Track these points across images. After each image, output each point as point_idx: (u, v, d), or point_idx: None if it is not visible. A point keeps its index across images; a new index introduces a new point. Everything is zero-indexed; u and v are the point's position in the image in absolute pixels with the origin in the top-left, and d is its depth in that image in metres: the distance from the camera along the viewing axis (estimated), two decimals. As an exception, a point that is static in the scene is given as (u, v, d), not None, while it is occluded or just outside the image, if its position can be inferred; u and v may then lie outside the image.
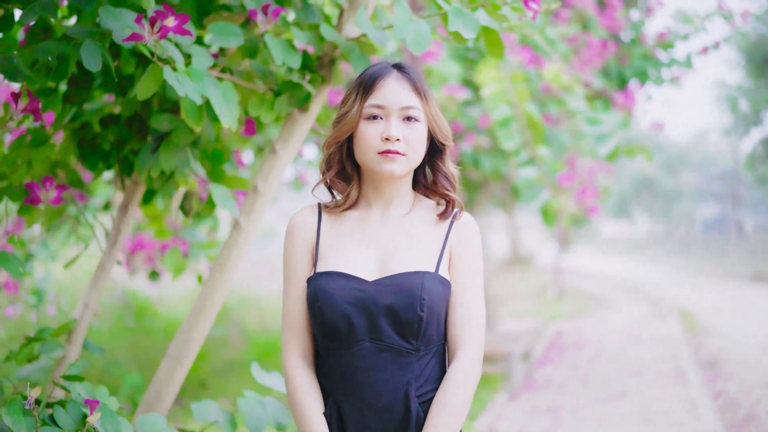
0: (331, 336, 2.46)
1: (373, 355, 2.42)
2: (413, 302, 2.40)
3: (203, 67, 2.93)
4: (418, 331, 2.42)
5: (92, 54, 2.83)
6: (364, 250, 2.51)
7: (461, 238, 2.55)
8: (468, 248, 2.54)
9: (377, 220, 2.57)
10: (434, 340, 2.48)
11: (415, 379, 2.44)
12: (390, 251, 2.49)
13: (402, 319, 2.40)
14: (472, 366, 2.46)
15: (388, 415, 2.44)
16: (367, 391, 2.43)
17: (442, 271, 2.48)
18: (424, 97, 2.54)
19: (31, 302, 8.46)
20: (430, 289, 2.42)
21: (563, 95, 7.55)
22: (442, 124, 2.57)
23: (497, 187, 11.71)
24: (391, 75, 2.53)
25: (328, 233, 2.57)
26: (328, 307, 2.43)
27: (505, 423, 8.04)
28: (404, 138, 2.48)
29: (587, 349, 12.40)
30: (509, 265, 26.73)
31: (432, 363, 2.48)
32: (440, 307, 2.46)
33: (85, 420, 2.68)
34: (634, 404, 8.79)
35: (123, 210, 3.68)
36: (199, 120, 3.02)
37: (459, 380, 2.44)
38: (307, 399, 2.49)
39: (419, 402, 2.44)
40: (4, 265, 2.95)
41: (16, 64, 3.03)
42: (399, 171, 2.50)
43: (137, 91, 2.91)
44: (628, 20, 10.14)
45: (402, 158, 2.49)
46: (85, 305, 3.57)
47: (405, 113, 2.50)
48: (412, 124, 2.50)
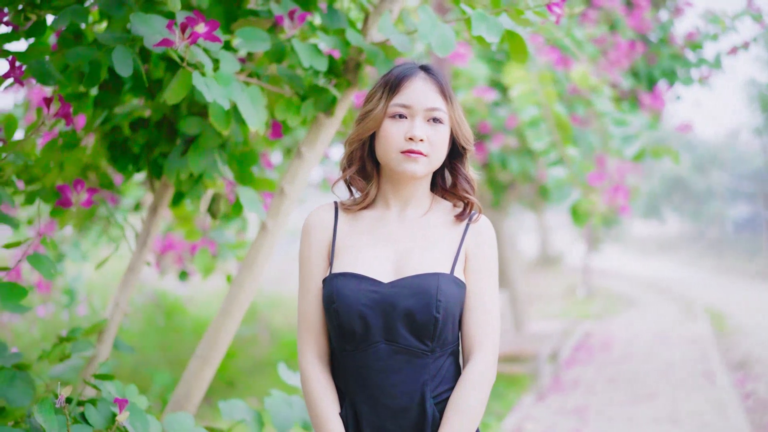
0: (347, 337, 2.47)
1: (388, 356, 2.43)
2: (429, 304, 2.41)
3: (231, 71, 2.98)
4: (433, 333, 2.42)
5: (123, 60, 2.89)
6: (380, 250, 2.52)
7: (477, 240, 2.56)
8: (484, 251, 2.55)
9: (394, 220, 2.58)
10: (449, 341, 2.49)
11: (431, 380, 2.45)
12: (406, 252, 2.51)
13: (418, 321, 2.41)
14: (487, 367, 2.47)
15: (404, 416, 2.44)
16: (383, 392, 2.44)
17: (457, 273, 2.50)
18: (450, 99, 2.55)
19: (63, 302, 8.57)
20: (445, 291, 2.43)
21: (590, 96, 7.55)
22: (465, 128, 2.59)
23: (525, 188, 11.70)
24: (418, 75, 2.54)
25: (345, 232, 2.58)
26: (344, 309, 2.44)
27: (532, 423, 8.05)
28: (428, 139, 2.50)
29: (615, 350, 12.38)
30: (538, 265, 26.69)
31: (447, 364, 2.49)
32: (455, 308, 2.47)
33: (115, 418, 2.73)
34: (663, 405, 8.77)
35: (152, 211, 3.74)
36: (226, 124, 3.07)
37: (474, 381, 2.44)
38: (323, 400, 2.50)
39: (435, 402, 2.45)
40: (37, 266, 3.01)
41: (48, 68, 3.10)
42: (420, 171, 2.51)
43: (166, 95, 2.96)
44: (657, 21, 10.11)
45: (424, 159, 2.50)
46: (115, 305, 3.64)
47: (430, 114, 2.51)
48: (437, 126, 2.51)
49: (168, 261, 7.83)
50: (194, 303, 11.71)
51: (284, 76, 3.32)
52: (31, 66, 3.09)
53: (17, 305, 3.02)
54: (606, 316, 16.43)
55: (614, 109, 7.26)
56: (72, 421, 2.70)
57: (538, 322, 14.75)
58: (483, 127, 8.91)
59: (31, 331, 8.87)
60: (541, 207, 16.03)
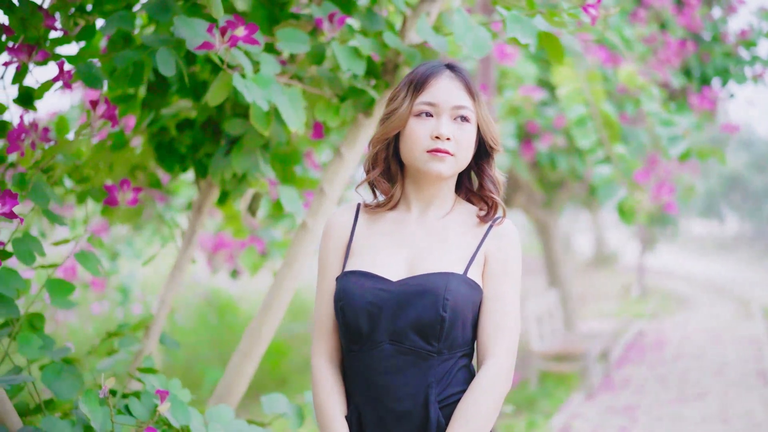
0: (353, 337, 2.42)
1: (393, 357, 2.37)
2: (436, 303, 2.34)
3: (271, 74, 3.06)
4: (440, 333, 2.36)
5: (166, 60, 2.99)
6: (396, 250, 2.46)
7: (498, 244, 2.48)
8: (504, 255, 2.47)
9: (414, 221, 2.51)
10: (459, 344, 2.41)
11: (437, 383, 2.37)
12: (420, 252, 2.44)
13: (424, 320, 2.35)
14: (499, 373, 2.38)
15: (408, 420, 2.37)
16: (387, 394, 2.38)
17: (471, 274, 2.42)
18: (476, 98, 2.49)
19: (118, 300, 8.74)
20: (454, 291, 2.36)
21: (639, 95, 7.54)
22: (492, 128, 2.52)
23: (578, 187, 11.68)
24: (444, 74, 2.48)
25: (363, 233, 2.53)
26: (349, 307, 2.40)
27: (580, 421, 8.06)
28: (454, 138, 2.43)
29: (668, 349, 12.30)
30: (593, 264, 26.53)
31: (457, 367, 2.41)
32: (466, 309, 2.39)
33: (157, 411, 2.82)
34: (713, 405, 8.72)
35: (197, 210, 3.84)
36: (266, 124, 3.14)
37: (484, 387, 2.36)
38: (328, 401, 2.46)
39: (442, 406, 2.38)
40: (83, 263, 3.11)
41: (96, 72, 3.21)
42: (446, 171, 2.44)
43: (209, 97, 3.05)
44: (709, 19, 10.04)
45: (451, 158, 2.43)
46: (161, 302, 3.74)
47: (457, 113, 2.45)
48: (463, 125, 2.45)
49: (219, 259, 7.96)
50: (246, 301, 11.85)
51: (324, 78, 3.39)
52: (80, 70, 3.19)
53: (65, 301, 3.13)
54: (660, 315, 16.31)
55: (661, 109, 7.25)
56: (116, 412, 2.79)
57: (591, 321, 14.70)
58: (531, 126, 8.92)
59: (86, 328, 9.06)
60: (595, 206, 15.96)
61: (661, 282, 22.33)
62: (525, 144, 9.11)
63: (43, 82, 3.23)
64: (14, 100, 3.36)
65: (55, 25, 3.20)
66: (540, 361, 9.65)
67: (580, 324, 12.95)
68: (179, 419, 2.84)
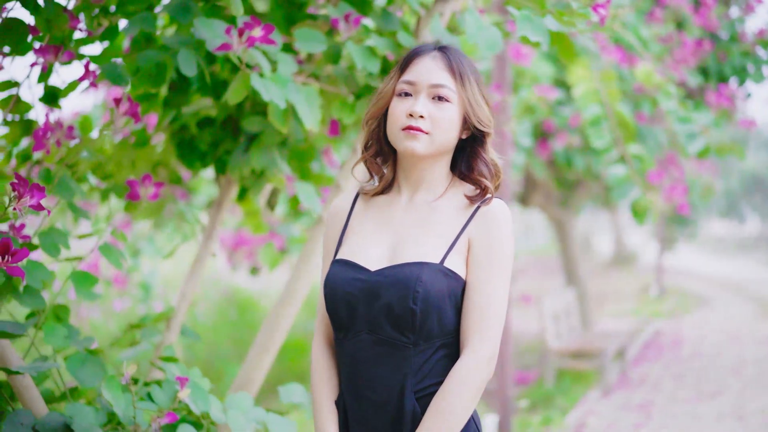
0: (336, 325, 2.43)
1: (371, 347, 2.35)
2: (406, 295, 2.30)
3: (288, 73, 3.16)
4: (413, 325, 2.31)
5: (187, 61, 3.09)
6: (382, 237, 2.44)
7: (483, 226, 2.39)
8: (488, 238, 2.37)
9: (403, 206, 2.48)
10: (436, 334, 2.35)
11: (413, 374, 2.33)
12: (403, 239, 2.40)
13: (396, 312, 2.31)
14: (477, 365, 2.31)
15: (384, 410, 2.35)
16: (366, 384, 2.37)
17: (450, 262, 2.35)
18: (460, 78, 2.42)
19: (139, 296, 8.87)
20: (427, 282, 2.30)
21: (656, 94, 7.59)
22: (479, 109, 2.43)
23: (596, 186, 11.72)
24: (429, 54, 2.45)
25: (357, 220, 2.52)
26: (330, 296, 2.40)
27: (595, 418, 8.12)
28: (429, 116, 2.38)
29: (685, 348, 12.33)
30: (612, 264, 26.51)
31: (435, 358, 2.35)
32: (441, 300, 2.32)
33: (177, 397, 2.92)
34: (729, 403, 8.76)
35: (217, 206, 3.95)
36: (284, 122, 3.24)
37: (460, 377, 2.31)
38: (320, 385, 2.47)
39: (419, 396, 2.35)
40: (107, 256, 3.21)
41: (120, 71, 3.31)
42: (420, 149, 2.38)
43: (228, 96, 3.15)
44: (727, 18, 10.07)
45: (424, 137, 2.38)
46: (182, 295, 3.84)
47: (434, 92, 2.40)
48: (442, 104, 2.39)
49: (239, 256, 8.07)
50: (265, 298, 11.96)
51: (340, 77, 3.48)
52: (105, 69, 3.30)
53: (89, 292, 3.24)
54: (678, 314, 16.31)
55: (679, 107, 7.30)
56: (138, 399, 2.90)
57: (609, 320, 14.73)
58: (547, 125, 8.99)
59: (108, 324, 9.19)
60: (614, 206, 15.99)
61: (680, 282, 22.29)
62: (541, 143, 9.18)
63: (69, 82, 3.34)
64: (40, 98, 3.46)
65: (80, 26, 3.30)
66: (557, 358, 9.71)
67: (597, 323, 12.99)
68: (199, 406, 2.94)
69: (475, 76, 2.47)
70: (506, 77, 6.99)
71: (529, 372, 10.20)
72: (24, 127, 3.52)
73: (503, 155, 7.00)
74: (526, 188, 11.44)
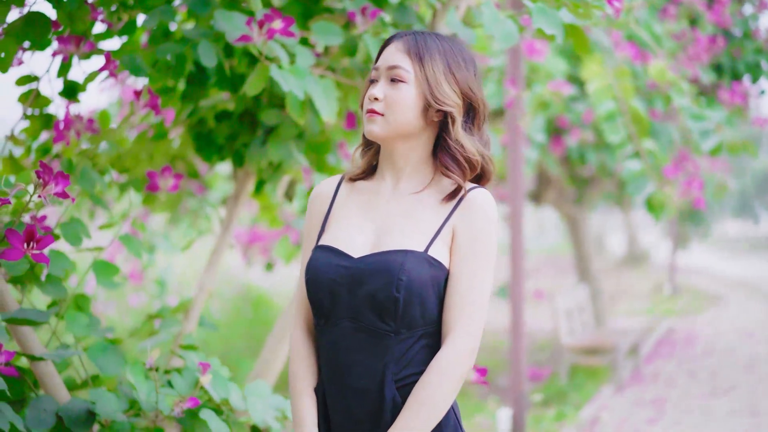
0: (317, 312, 2.39)
1: (353, 335, 2.33)
2: (390, 283, 2.27)
3: (305, 65, 3.20)
4: (395, 313, 2.28)
5: (207, 52, 3.14)
6: (366, 224, 2.41)
7: (467, 216, 2.35)
8: (471, 228, 2.34)
9: (388, 193, 2.44)
10: (418, 323, 2.31)
11: (394, 363, 2.30)
12: (387, 227, 2.38)
13: (379, 300, 2.28)
14: (457, 356, 2.28)
15: (365, 398, 2.32)
16: (346, 371, 2.34)
17: (434, 251, 2.32)
18: (418, 58, 2.37)
19: (154, 292, 8.93)
20: (410, 270, 2.27)
21: (669, 91, 7.60)
22: (436, 88, 2.36)
23: (608, 183, 11.73)
24: (395, 40, 2.43)
25: (340, 205, 2.48)
26: (312, 282, 2.37)
27: (608, 413, 8.14)
28: (385, 98, 2.36)
29: (698, 346, 12.33)
30: (625, 263, 26.47)
31: (417, 347, 2.32)
32: (424, 289, 2.29)
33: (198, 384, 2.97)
34: (742, 398, 8.76)
35: (235, 198, 3.99)
36: (301, 114, 3.27)
37: (439, 368, 2.28)
38: (299, 372, 2.44)
39: (400, 386, 2.31)
40: (127, 245, 3.27)
41: (140, 63, 3.36)
42: (376, 131, 2.37)
43: (246, 87, 3.18)
44: (740, 15, 10.07)
45: (380, 118, 2.36)
46: (200, 286, 3.89)
47: (390, 74, 2.37)
48: (397, 85, 2.36)
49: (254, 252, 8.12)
50: (280, 296, 12.01)
51: (357, 69, 3.52)
52: (124, 60, 3.35)
53: (110, 281, 3.29)
54: (691, 312, 16.30)
55: (692, 104, 7.31)
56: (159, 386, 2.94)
57: (622, 318, 14.73)
58: (560, 121, 9.02)
59: (124, 320, 9.25)
60: (627, 205, 15.98)
61: (693, 280, 22.26)
62: (554, 139, 9.20)
63: (90, 73, 3.38)
64: (59, 93, 3.51)
65: (100, 18, 3.35)
66: (570, 354, 9.73)
67: (610, 320, 12.99)
68: (219, 392, 2.99)
69: (446, 57, 2.40)
70: (520, 73, 7.02)
71: (542, 369, 10.22)
72: (43, 121, 3.57)
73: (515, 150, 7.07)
74: (539, 185, 11.47)
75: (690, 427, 7.71)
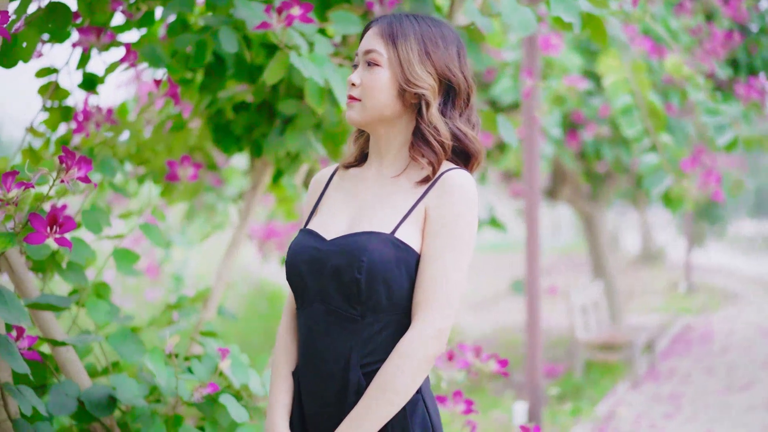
0: (295, 295, 2.39)
1: (323, 318, 2.30)
2: (352, 265, 2.23)
3: (324, 53, 3.21)
4: (358, 296, 2.24)
5: (229, 38, 3.15)
6: (346, 209, 2.39)
7: (440, 196, 2.29)
8: (443, 208, 2.27)
9: (371, 178, 2.42)
10: (384, 308, 2.26)
11: (361, 347, 2.26)
12: (363, 210, 2.35)
13: (343, 282, 2.25)
14: (421, 338, 2.21)
15: (331, 381, 2.29)
16: (315, 355, 2.31)
17: (402, 233, 2.27)
18: (392, 40, 2.33)
19: (171, 287, 8.97)
20: (373, 252, 2.23)
21: (685, 86, 7.59)
22: (407, 68, 2.32)
23: (623, 180, 11.71)
24: (374, 24, 2.40)
25: (331, 191, 2.49)
26: (288, 265, 2.36)
27: (625, 408, 8.14)
28: (362, 83, 2.34)
29: (715, 342, 12.29)
30: (640, 261, 26.42)
31: (385, 333, 2.27)
32: (389, 272, 2.23)
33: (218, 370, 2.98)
34: (760, 394, 8.74)
35: (253, 189, 4.01)
36: (320, 102, 3.28)
37: (402, 352, 2.21)
38: (279, 356, 2.43)
39: (366, 371, 2.27)
40: (148, 234, 3.28)
41: (159, 53, 3.38)
42: (354, 116, 2.36)
43: (266, 75, 3.20)
44: (756, 10, 10.04)
45: (357, 104, 2.35)
46: (219, 275, 3.91)
47: (366, 58, 2.35)
48: (371, 69, 2.33)
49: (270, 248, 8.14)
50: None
51: (375, 59, 3.53)
52: (144, 51, 3.38)
53: (130, 269, 3.31)
54: (707, 310, 16.25)
55: (708, 99, 7.29)
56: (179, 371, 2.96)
57: (638, 315, 14.69)
58: (576, 116, 9.01)
59: (141, 314, 9.29)
60: (642, 203, 15.93)
61: (709, 278, 22.18)
62: (570, 134, 9.19)
63: (110, 64, 3.41)
64: (79, 85, 3.54)
65: (120, 9, 3.37)
66: (585, 350, 9.72)
67: (625, 317, 12.96)
68: (239, 378, 3.01)
69: (423, 38, 2.35)
70: (536, 64, 7.02)
71: (557, 365, 10.21)
72: (62, 114, 3.60)
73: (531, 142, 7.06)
74: (555, 182, 11.46)
75: (707, 422, 7.70)
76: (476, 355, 3.29)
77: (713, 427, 7.48)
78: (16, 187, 2.34)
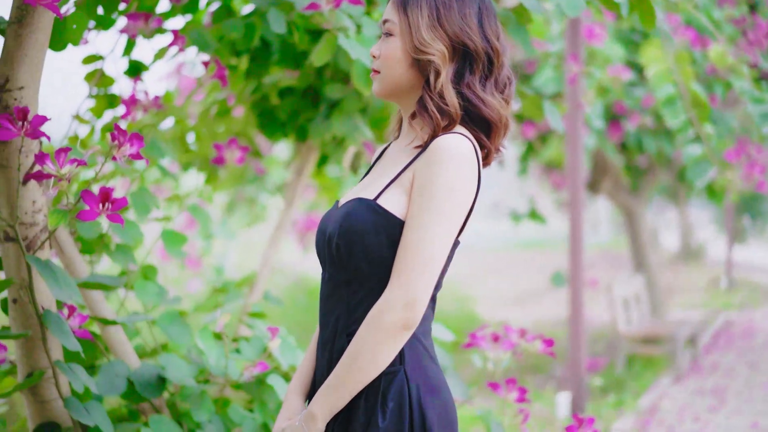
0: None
1: (325, 284, 2.29)
2: (335, 230, 2.19)
3: (372, 35, 3.21)
4: (339, 261, 2.20)
5: (277, 19, 3.15)
6: (367, 180, 2.34)
7: (423, 162, 2.16)
8: (426, 172, 2.15)
9: (390, 150, 2.38)
10: (366, 274, 2.19)
11: (347, 315, 2.22)
12: (370, 180, 2.31)
13: (331, 248, 2.22)
14: (389, 305, 2.10)
15: (328, 348, 2.26)
16: (321, 321, 2.31)
17: (386, 199, 2.18)
18: (403, 8, 2.24)
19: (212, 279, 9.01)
20: (350, 216, 2.17)
21: (729, 76, 7.51)
22: (415, 34, 2.22)
23: (664, 175, 11.61)
24: None
25: (375, 164, 2.44)
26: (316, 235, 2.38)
27: (668, 401, 8.07)
28: (380, 54, 2.27)
29: (758, 338, 12.16)
30: (680, 258, 26.22)
31: (369, 301, 2.19)
32: (367, 237, 2.16)
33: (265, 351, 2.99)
34: (805, 389, 8.66)
35: (298, 173, 4.02)
36: (367, 84, 3.28)
37: (369, 319, 2.12)
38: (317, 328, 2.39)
39: (351, 339, 2.19)
40: (196, 215, 3.30)
41: (206, 38, 3.40)
42: (376, 89, 2.30)
43: (313, 57, 3.20)
44: (801, 1, 9.92)
45: (377, 76, 2.29)
46: (264, 260, 3.92)
47: (383, 29, 2.28)
48: (387, 39, 2.26)
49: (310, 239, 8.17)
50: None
51: (421, 42, 3.52)
52: (192, 36, 3.39)
53: (178, 251, 3.32)
54: (749, 306, 16.08)
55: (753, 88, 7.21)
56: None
57: (679, 311, 14.57)
58: (619, 107, 8.95)
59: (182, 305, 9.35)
60: (682, 199, 15.81)
61: (751, 275, 21.96)
62: (612, 125, 9.13)
63: (158, 49, 3.42)
64: (124, 72, 3.56)
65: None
66: (627, 343, 9.65)
67: (667, 313, 12.86)
68: (287, 358, 3.01)
69: (436, 2, 2.23)
70: (580, 50, 6.97)
71: (598, 359, 10.15)
72: (108, 101, 3.62)
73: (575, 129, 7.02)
74: (595, 174, 11.38)
75: (753, 415, 7.61)
76: (521, 335, 3.27)
77: (759, 420, 7.40)
78: (69, 163, 2.35)
